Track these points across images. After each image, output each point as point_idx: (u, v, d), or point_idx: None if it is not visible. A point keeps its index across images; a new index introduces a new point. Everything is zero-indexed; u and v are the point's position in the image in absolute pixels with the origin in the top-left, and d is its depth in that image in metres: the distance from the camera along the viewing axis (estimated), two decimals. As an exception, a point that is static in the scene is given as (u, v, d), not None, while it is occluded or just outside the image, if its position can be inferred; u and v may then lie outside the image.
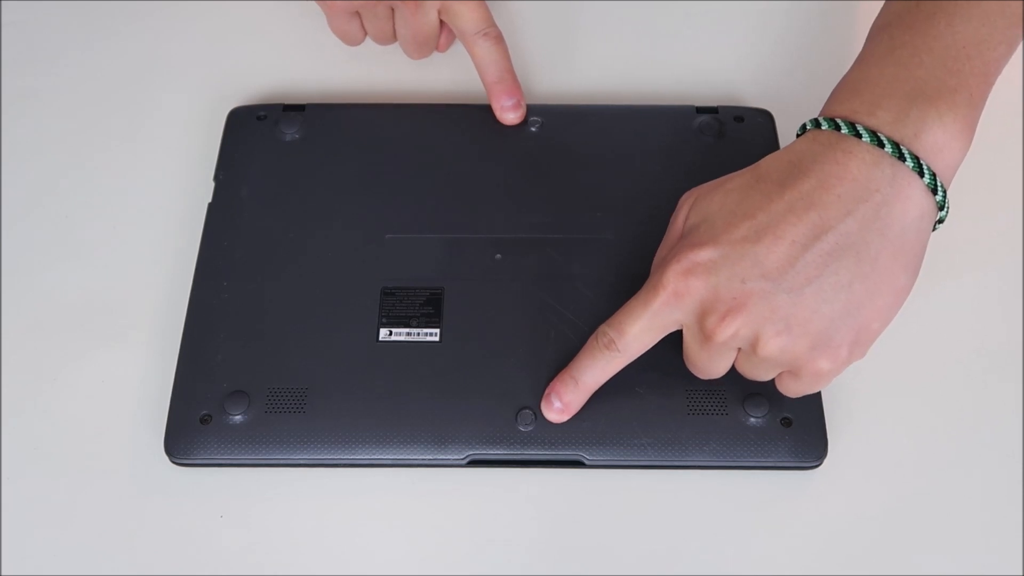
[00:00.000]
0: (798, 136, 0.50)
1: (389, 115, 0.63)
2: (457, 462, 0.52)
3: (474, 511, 0.52)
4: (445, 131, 0.62)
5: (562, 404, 0.51)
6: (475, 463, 0.52)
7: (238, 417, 0.52)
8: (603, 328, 0.50)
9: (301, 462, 0.52)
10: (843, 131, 0.47)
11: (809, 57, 0.68)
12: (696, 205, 0.49)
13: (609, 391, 0.52)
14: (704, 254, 0.47)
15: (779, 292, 0.45)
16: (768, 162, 0.49)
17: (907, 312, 0.56)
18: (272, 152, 0.61)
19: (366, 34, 0.65)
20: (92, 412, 0.55)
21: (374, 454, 0.52)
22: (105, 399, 0.55)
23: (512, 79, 0.62)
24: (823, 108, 0.50)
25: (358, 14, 0.63)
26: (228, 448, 0.52)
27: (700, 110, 0.62)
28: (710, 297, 0.46)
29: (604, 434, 0.52)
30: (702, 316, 0.47)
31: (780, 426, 0.52)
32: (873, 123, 0.47)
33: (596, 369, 0.50)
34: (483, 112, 0.62)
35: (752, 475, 0.52)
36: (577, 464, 0.52)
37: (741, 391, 0.52)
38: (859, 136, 0.46)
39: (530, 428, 0.52)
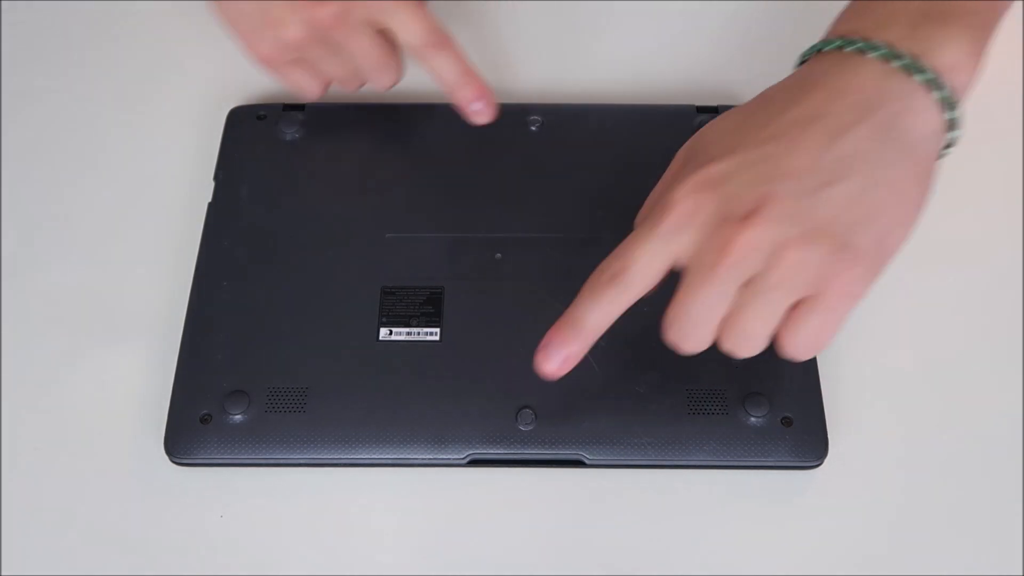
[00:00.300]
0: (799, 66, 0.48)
1: (389, 115, 0.63)
2: (457, 462, 0.52)
3: (474, 511, 0.52)
4: (445, 131, 0.61)
5: (564, 355, 0.46)
6: (475, 463, 0.52)
7: (238, 417, 0.52)
8: (605, 262, 0.45)
9: (301, 462, 0.52)
10: (850, 49, 0.46)
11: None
12: (694, 142, 0.47)
13: (609, 391, 0.52)
14: (718, 166, 0.44)
15: (800, 195, 0.43)
16: (771, 88, 0.47)
17: (907, 311, 0.57)
18: (272, 152, 0.61)
19: (325, 80, 0.59)
20: (92, 412, 0.55)
21: (374, 454, 0.52)
22: (105, 399, 0.55)
23: (471, 79, 0.56)
24: (827, 32, 0.48)
25: (301, 61, 0.57)
26: (228, 448, 0.52)
27: (700, 110, 0.62)
28: (726, 204, 0.43)
29: (604, 434, 0.52)
30: (717, 228, 0.43)
31: (780, 426, 0.52)
32: (885, 38, 0.45)
33: (600, 309, 0.45)
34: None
35: (752, 475, 0.52)
36: (577, 464, 0.52)
37: (741, 391, 0.52)
38: (868, 51, 0.45)
39: (530, 428, 0.52)
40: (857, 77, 0.45)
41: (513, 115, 0.62)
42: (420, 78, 0.66)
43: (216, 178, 0.60)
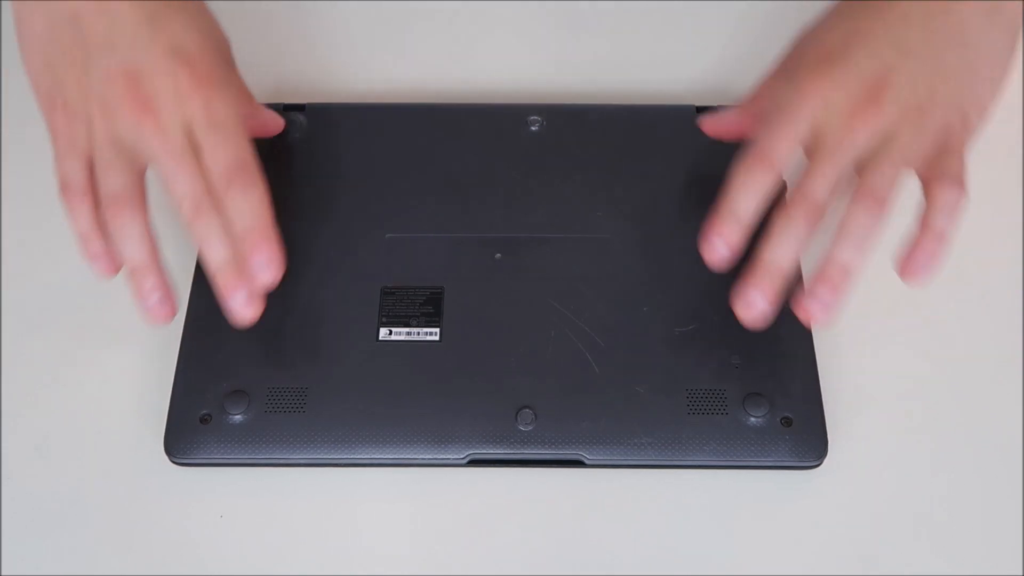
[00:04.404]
0: None
1: (389, 115, 0.63)
2: (457, 462, 0.52)
3: (474, 511, 0.52)
4: (445, 131, 0.61)
5: (726, 243, 0.48)
6: (475, 463, 0.52)
7: (238, 417, 0.52)
8: (749, 154, 0.48)
9: (301, 462, 0.52)
10: None
11: (809, 57, 0.67)
12: (803, 39, 0.52)
13: (609, 391, 0.52)
14: (840, 53, 0.49)
15: (917, 73, 0.48)
16: None
17: (907, 311, 0.57)
18: (272, 152, 0.61)
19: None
20: (92, 412, 0.55)
21: (374, 454, 0.52)
22: (105, 399, 0.55)
23: (265, 232, 0.50)
24: None
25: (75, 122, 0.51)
26: (228, 448, 0.52)
27: (700, 110, 0.62)
28: (852, 84, 0.48)
29: (604, 434, 0.52)
30: (845, 107, 0.48)
31: (780, 426, 0.52)
32: None
33: (751, 194, 0.48)
34: (483, 112, 0.62)
35: (752, 475, 0.52)
36: (577, 464, 0.52)
37: (741, 391, 0.52)
38: None
39: (530, 428, 0.52)
40: None
41: (513, 115, 0.62)
42: (420, 79, 0.66)
43: (216, 178, 0.60)
